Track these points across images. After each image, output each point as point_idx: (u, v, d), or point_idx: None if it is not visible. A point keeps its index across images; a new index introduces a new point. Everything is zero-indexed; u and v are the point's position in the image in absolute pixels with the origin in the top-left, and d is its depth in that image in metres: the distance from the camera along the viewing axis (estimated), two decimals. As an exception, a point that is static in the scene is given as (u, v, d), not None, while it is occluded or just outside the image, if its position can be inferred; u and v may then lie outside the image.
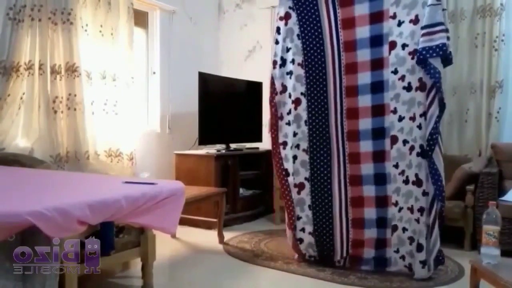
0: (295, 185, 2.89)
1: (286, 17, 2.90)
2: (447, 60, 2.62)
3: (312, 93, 2.87)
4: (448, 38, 2.55)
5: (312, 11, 2.86)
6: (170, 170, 4.18)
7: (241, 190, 4.29)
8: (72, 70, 3.26)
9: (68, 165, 3.26)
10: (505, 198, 3.15)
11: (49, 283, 1.61)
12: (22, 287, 1.57)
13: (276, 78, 2.92)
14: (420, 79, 2.60)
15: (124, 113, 3.66)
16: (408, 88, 2.64)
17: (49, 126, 3.16)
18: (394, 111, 2.68)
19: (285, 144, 2.92)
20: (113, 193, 1.86)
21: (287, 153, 2.91)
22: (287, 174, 2.89)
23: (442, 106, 2.55)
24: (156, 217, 1.99)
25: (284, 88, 2.92)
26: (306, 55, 2.88)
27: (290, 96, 2.91)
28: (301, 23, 2.89)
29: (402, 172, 2.68)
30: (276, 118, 2.94)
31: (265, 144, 4.66)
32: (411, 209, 2.66)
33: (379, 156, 2.75)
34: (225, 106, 4.34)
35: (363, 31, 2.75)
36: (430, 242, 2.60)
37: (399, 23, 2.66)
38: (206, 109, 4.03)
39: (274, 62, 2.93)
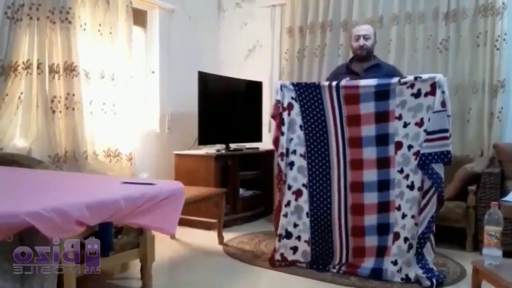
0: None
1: (289, 107, 2.88)
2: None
3: (314, 185, 2.86)
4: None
5: (316, 104, 2.84)
6: (169, 170, 4.16)
7: (241, 191, 4.27)
8: (70, 69, 3.24)
9: (66, 165, 3.25)
10: (507, 198, 3.13)
11: (48, 283, 1.60)
12: (21, 287, 1.56)
13: (282, 168, 2.89)
14: (422, 180, 2.61)
15: (123, 113, 3.64)
16: (412, 187, 2.63)
17: (47, 126, 3.14)
18: (399, 208, 2.66)
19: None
20: (112, 194, 1.85)
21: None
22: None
23: (440, 201, 2.56)
24: (155, 217, 1.98)
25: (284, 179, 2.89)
26: (309, 146, 2.87)
27: (289, 188, 2.87)
28: (304, 114, 2.87)
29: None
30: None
31: (265, 144, 4.65)
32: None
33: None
34: (225, 106, 4.32)
35: (368, 129, 2.74)
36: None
37: (405, 125, 2.67)
38: (206, 109, 4.01)
39: (281, 154, 2.88)
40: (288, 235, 2.86)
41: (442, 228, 3.35)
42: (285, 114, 2.88)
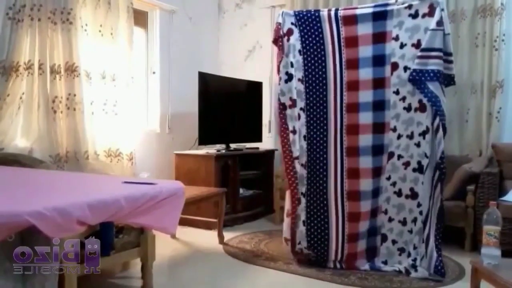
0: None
1: (289, 33, 2.90)
2: (449, 84, 2.70)
3: (311, 108, 2.88)
4: (450, 62, 2.64)
5: (315, 28, 2.87)
6: (170, 170, 4.18)
7: (241, 190, 4.28)
8: (71, 70, 3.25)
9: (67, 165, 3.26)
10: (505, 198, 3.15)
11: (49, 283, 1.61)
12: (22, 287, 1.57)
13: (284, 93, 2.88)
14: (420, 101, 2.65)
15: (124, 113, 3.65)
16: (408, 108, 2.70)
17: (48, 126, 3.16)
18: (394, 129, 2.74)
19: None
20: (113, 193, 1.86)
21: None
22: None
23: (444, 131, 2.59)
24: (156, 217, 1.99)
25: (294, 102, 2.88)
26: (307, 70, 2.89)
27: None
28: (303, 39, 2.89)
29: (394, 184, 2.74)
30: (286, 131, 2.87)
31: (265, 144, 4.67)
32: (403, 222, 2.73)
33: (377, 172, 2.79)
34: (225, 106, 4.33)
35: (366, 50, 2.77)
36: (427, 250, 2.64)
37: (402, 45, 2.70)
38: (206, 109, 4.02)
39: (280, 78, 2.90)
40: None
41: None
42: (284, 40, 2.90)
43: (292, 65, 2.88)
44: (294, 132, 2.86)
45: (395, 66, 2.72)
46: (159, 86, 4.36)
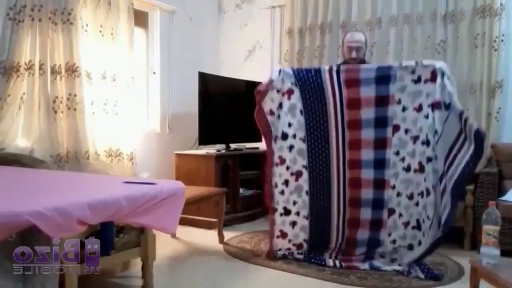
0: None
1: (289, 92, 2.95)
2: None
3: (314, 166, 2.95)
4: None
5: (317, 88, 2.91)
6: (170, 170, 4.19)
7: (241, 190, 4.29)
8: (72, 70, 3.26)
9: (68, 165, 3.26)
10: (505, 198, 3.16)
11: (50, 283, 1.61)
12: (22, 287, 1.57)
13: (274, 151, 2.96)
14: (420, 162, 2.70)
15: (124, 113, 3.66)
16: (407, 169, 2.77)
17: (49, 126, 3.16)
18: (393, 187, 2.81)
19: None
20: (113, 193, 1.86)
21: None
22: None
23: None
24: (156, 217, 1.99)
25: (282, 161, 2.96)
26: (309, 130, 2.94)
27: (288, 169, 2.96)
28: (304, 99, 2.94)
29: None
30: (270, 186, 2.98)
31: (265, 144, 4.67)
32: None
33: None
34: (225, 106, 4.34)
35: (368, 112, 2.82)
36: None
37: (404, 109, 2.76)
38: (206, 109, 4.03)
39: (275, 137, 2.96)
40: (287, 212, 2.97)
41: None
42: (284, 99, 2.95)
43: (289, 125, 2.94)
44: (276, 186, 2.99)
45: (396, 128, 2.78)
46: (159, 86, 4.36)
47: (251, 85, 4.53)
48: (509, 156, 3.48)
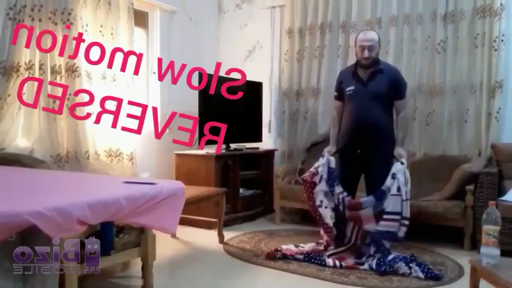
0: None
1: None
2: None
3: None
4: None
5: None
6: (170, 170, 4.18)
7: (241, 190, 4.29)
8: (72, 70, 3.26)
9: (68, 165, 3.26)
10: (504, 198, 3.16)
11: (50, 283, 1.61)
12: (22, 287, 1.57)
13: None
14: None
15: (124, 113, 3.65)
16: None
17: (49, 126, 3.16)
18: None
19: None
20: (113, 193, 1.87)
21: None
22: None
23: None
24: (156, 217, 2.00)
25: None
26: None
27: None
28: None
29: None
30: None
31: (265, 144, 4.67)
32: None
33: None
34: (225, 106, 4.33)
35: None
36: None
37: None
38: (206, 109, 4.03)
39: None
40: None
41: (440, 228, 3.39)
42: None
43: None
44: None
45: None
46: (160, 86, 4.36)
47: (251, 85, 4.56)
48: (509, 156, 3.48)
